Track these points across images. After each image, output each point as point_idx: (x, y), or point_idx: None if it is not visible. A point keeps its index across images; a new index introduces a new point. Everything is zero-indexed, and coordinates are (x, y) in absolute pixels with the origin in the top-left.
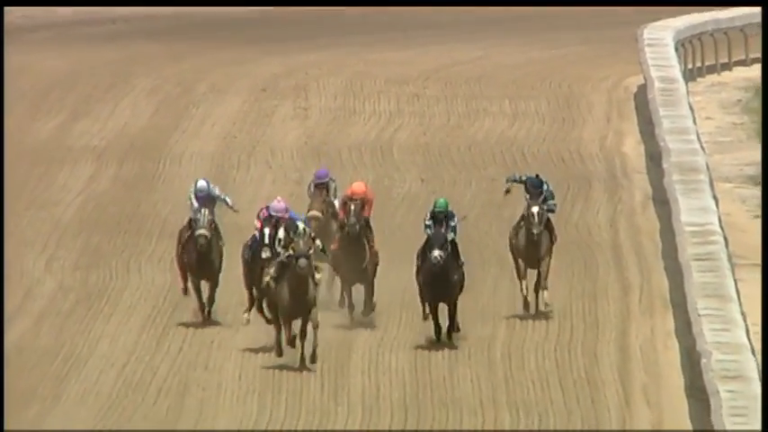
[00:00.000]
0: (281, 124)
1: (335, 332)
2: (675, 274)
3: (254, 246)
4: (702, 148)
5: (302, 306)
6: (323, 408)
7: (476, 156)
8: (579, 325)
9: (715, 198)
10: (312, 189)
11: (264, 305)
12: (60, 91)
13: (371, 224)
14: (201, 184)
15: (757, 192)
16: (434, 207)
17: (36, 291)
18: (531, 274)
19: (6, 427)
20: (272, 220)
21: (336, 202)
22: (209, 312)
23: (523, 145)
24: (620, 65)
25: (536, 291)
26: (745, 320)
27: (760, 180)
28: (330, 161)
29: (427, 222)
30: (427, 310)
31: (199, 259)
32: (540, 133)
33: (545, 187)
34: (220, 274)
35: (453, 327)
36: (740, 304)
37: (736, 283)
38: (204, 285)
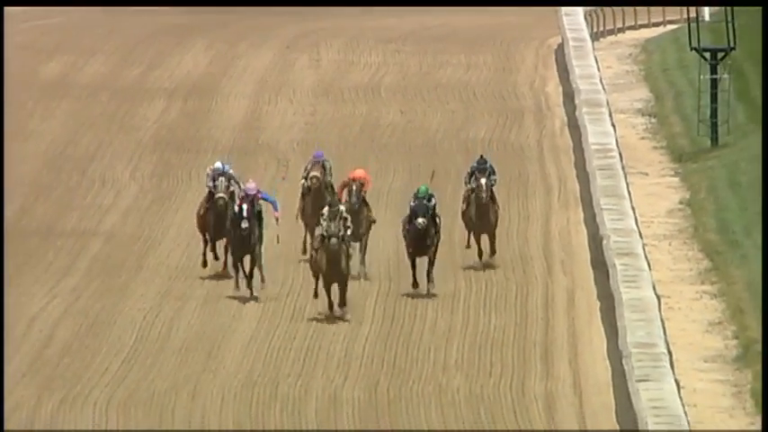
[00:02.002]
0: (300, 71)
1: None
2: (584, 179)
3: (234, 219)
4: (604, 88)
5: (337, 273)
6: None
7: (441, 94)
8: (514, 216)
9: (613, 125)
10: (310, 166)
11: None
12: (142, 47)
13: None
14: (218, 165)
15: (644, 120)
16: (417, 193)
17: (124, 192)
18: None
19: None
20: (249, 197)
21: (332, 180)
22: (226, 264)
23: (475, 86)
24: (544, 29)
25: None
26: (634, 213)
27: (646, 112)
28: (335, 98)
29: (411, 204)
30: (416, 275)
31: (216, 220)
32: (487, 78)
33: (488, 164)
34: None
35: (429, 278)
36: (631, 201)
37: (628, 186)
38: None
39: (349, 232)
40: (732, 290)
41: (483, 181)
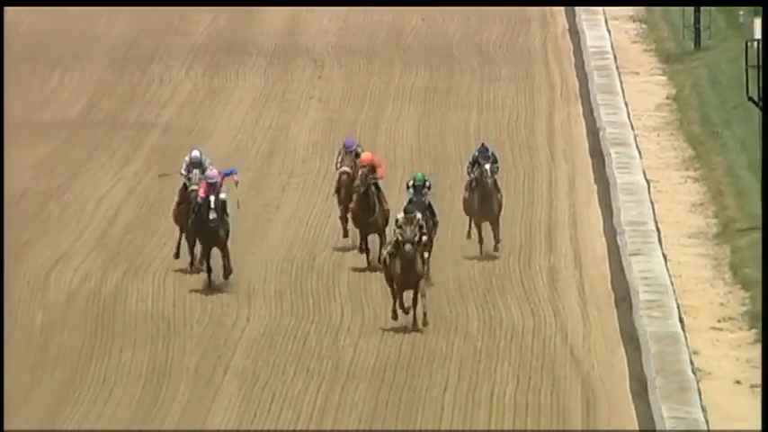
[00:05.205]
0: None
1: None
2: (583, 78)
3: (199, 211)
4: None
5: (412, 279)
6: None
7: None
8: (522, 111)
9: (608, 30)
10: (343, 154)
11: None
12: None
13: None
14: (195, 153)
15: (635, 26)
16: (413, 180)
17: (179, 89)
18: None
19: None
20: (214, 188)
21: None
22: (192, 262)
23: None
24: None
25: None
26: (627, 107)
27: (638, 18)
28: (365, 7)
29: (409, 188)
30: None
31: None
32: None
33: (490, 151)
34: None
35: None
36: (624, 97)
37: (621, 84)
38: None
39: (425, 239)
40: (713, 175)
41: (487, 166)
